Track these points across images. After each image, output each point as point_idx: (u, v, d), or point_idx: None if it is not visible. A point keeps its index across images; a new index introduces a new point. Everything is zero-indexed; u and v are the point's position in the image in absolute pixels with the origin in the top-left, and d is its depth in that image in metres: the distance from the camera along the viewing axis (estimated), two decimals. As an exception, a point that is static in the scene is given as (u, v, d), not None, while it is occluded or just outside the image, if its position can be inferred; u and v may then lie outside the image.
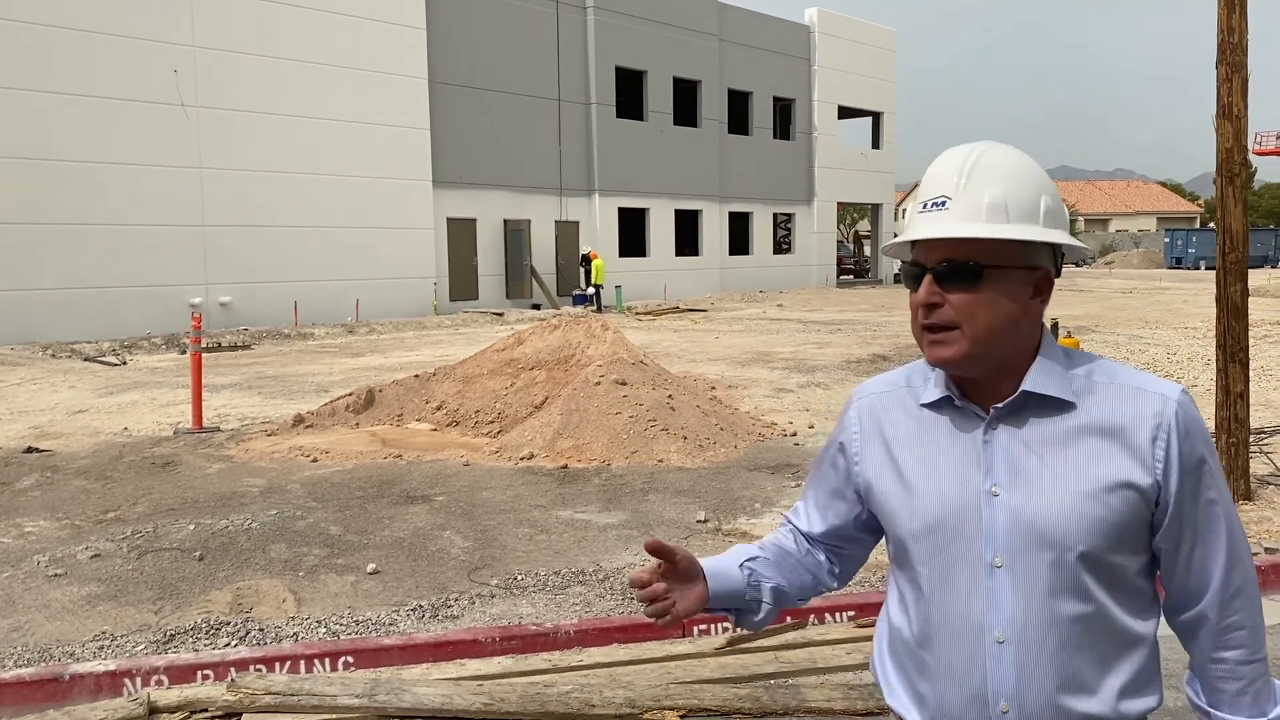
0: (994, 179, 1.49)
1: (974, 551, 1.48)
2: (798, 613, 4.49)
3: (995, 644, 1.47)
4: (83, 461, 8.24)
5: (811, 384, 12.38)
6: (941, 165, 1.53)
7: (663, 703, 3.11)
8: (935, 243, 1.48)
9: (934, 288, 1.47)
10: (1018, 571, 1.46)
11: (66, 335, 18.91)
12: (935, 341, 1.49)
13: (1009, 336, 1.49)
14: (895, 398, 1.63)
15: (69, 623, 4.72)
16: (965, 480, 1.50)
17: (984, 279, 1.46)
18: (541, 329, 10.36)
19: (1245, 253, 6.45)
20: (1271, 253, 55.21)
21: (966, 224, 1.46)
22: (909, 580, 1.57)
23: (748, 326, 21.44)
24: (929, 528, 1.52)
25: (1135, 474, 1.45)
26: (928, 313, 1.49)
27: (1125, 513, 1.45)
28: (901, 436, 1.59)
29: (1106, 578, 1.47)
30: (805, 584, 1.74)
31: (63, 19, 19.24)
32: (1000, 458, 1.49)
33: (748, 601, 1.67)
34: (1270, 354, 14.54)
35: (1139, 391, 1.49)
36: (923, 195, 1.52)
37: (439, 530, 6.17)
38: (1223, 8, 6.34)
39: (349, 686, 3.11)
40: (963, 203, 1.48)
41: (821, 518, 1.74)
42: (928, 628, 1.53)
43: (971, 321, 1.46)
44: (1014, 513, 1.46)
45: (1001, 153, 1.52)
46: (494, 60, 27.65)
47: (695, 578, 1.62)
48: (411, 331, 22.05)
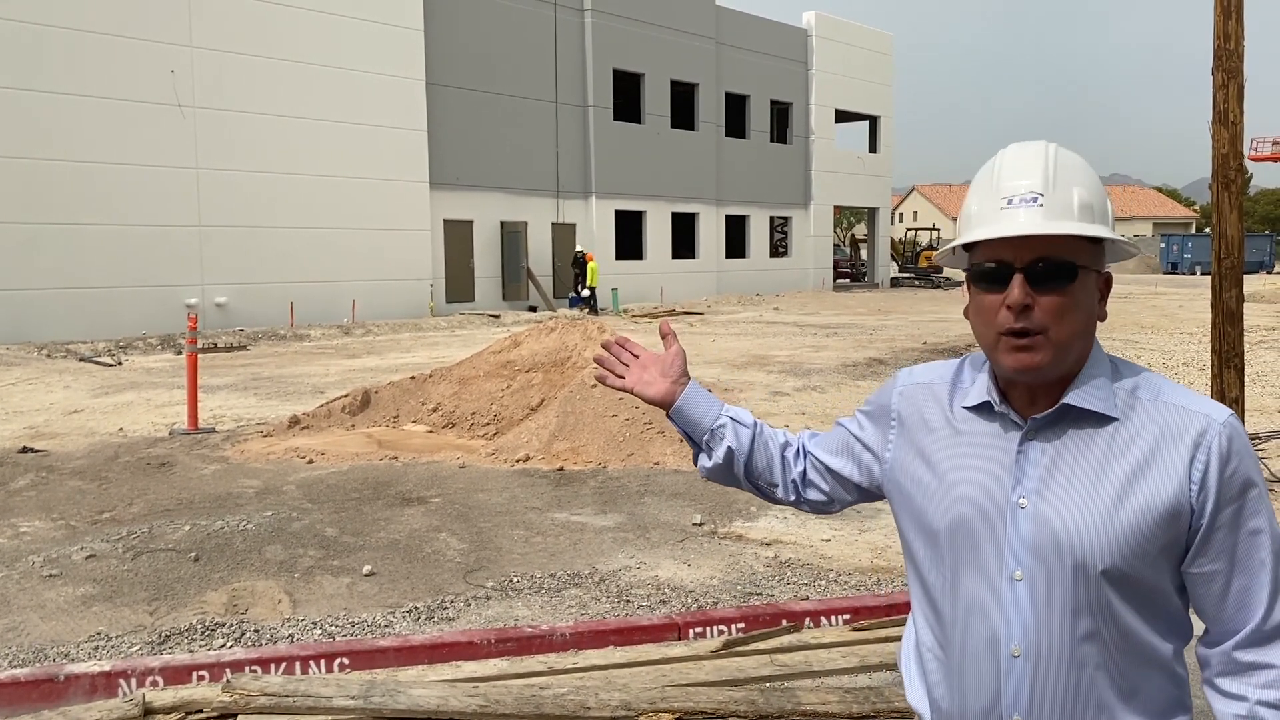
0: (1077, 178, 1.45)
1: (995, 562, 1.45)
2: (793, 616, 4.50)
3: (1011, 657, 1.44)
4: (78, 462, 8.23)
5: (808, 387, 12.39)
6: (1022, 159, 1.47)
7: (658, 705, 3.11)
8: (1028, 241, 1.40)
9: (1027, 288, 1.40)
10: (1038, 585, 1.42)
11: (62, 335, 18.88)
12: (1022, 347, 1.41)
13: (1083, 343, 1.45)
14: (938, 393, 1.59)
15: (64, 623, 4.71)
16: (993, 489, 1.47)
17: (1076, 280, 1.41)
18: (538, 331, 10.36)
19: (1240, 258, 6.48)
20: (1267, 258, 55.32)
21: (1065, 221, 1.41)
22: (928, 584, 1.55)
23: (744, 329, 21.45)
24: (952, 532, 1.49)
25: (1168, 495, 1.39)
26: (1019, 316, 1.40)
27: (1154, 534, 1.40)
28: (937, 434, 1.56)
29: (1132, 597, 1.42)
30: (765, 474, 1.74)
31: (59, 18, 19.22)
32: (1032, 469, 1.45)
33: (705, 442, 1.73)
34: (1265, 359, 14.57)
35: (1183, 411, 1.43)
36: (1003, 190, 1.44)
37: (435, 532, 6.17)
38: (1219, 14, 6.36)
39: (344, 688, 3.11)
40: (1056, 200, 1.42)
41: (822, 448, 1.75)
42: (944, 635, 1.51)
43: (1059, 325, 1.41)
44: (1039, 526, 1.42)
45: (1070, 153, 1.48)
46: (491, 62, 27.66)
47: (674, 378, 1.73)
48: (408, 333, 22.04)
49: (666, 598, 5.04)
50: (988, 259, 1.44)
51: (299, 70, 23.06)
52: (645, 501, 6.81)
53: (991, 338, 1.45)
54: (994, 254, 1.43)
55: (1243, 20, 6.36)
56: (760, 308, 29.32)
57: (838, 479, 1.72)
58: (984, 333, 1.46)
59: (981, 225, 1.45)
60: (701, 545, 5.89)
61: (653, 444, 8.03)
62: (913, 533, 1.58)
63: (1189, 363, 14.31)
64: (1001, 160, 1.49)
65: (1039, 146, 1.48)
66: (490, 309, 27.33)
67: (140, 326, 20.08)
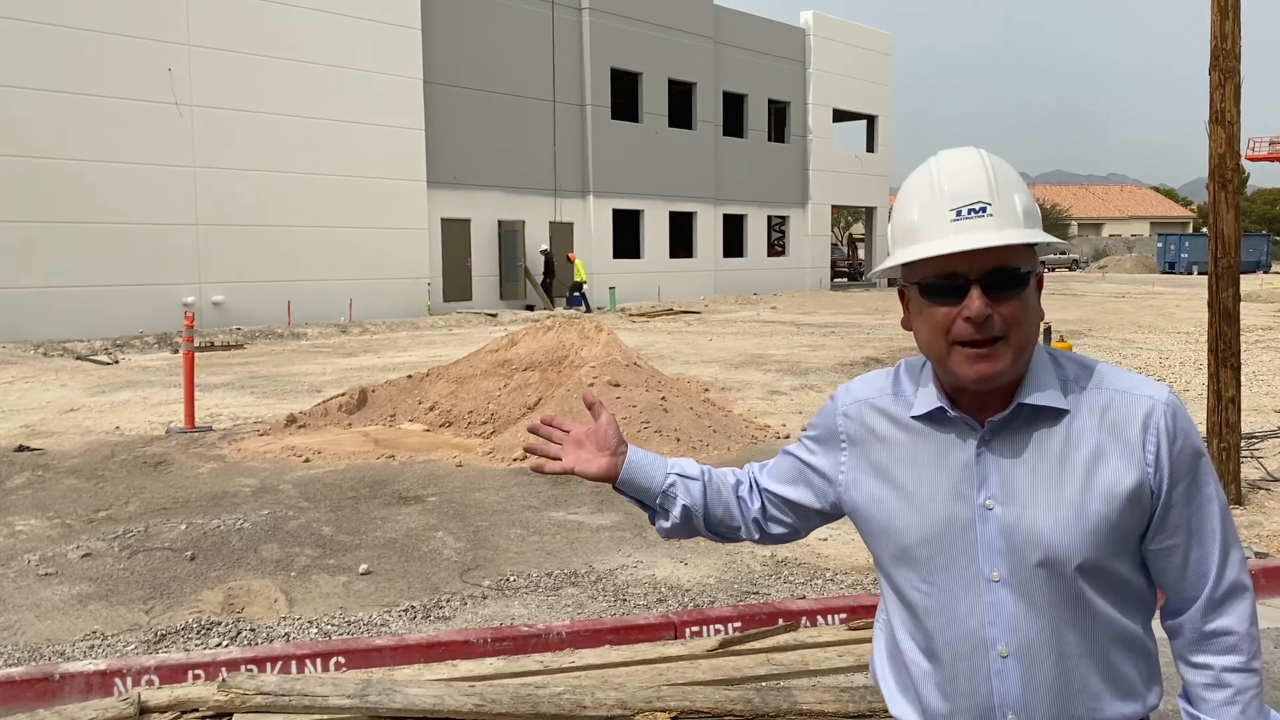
0: (1015, 185, 1.46)
1: (972, 566, 1.46)
2: (790, 615, 4.50)
3: (999, 658, 1.45)
4: (74, 460, 8.21)
5: (805, 386, 12.39)
6: (960, 169, 1.46)
7: (654, 704, 3.11)
8: (983, 252, 1.40)
9: (986, 299, 1.40)
10: (1016, 584, 1.44)
11: (58, 333, 18.85)
12: (983, 356, 1.41)
13: (1036, 341, 1.47)
14: (882, 406, 1.58)
15: (59, 622, 4.70)
16: (958, 495, 1.48)
17: (1028, 286, 1.44)
18: (535, 330, 10.36)
19: (1237, 258, 6.48)
20: (1264, 258, 55.42)
21: (1013, 230, 1.42)
22: (905, 595, 1.54)
23: (741, 329, 21.45)
24: (924, 543, 1.49)
25: (1129, 478, 1.43)
26: (980, 327, 1.40)
27: (1122, 519, 1.43)
28: (892, 448, 1.55)
29: (1106, 584, 1.45)
30: (726, 520, 1.73)
31: (56, 17, 19.20)
32: (994, 471, 1.46)
33: (658, 505, 1.72)
34: (1261, 359, 14.59)
35: (1126, 395, 1.47)
36: (949, 201, 1.44)
37: (431, 531, 6.16)
38: (1216, 14, 6.36)
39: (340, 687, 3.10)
40: (1002, 208, 1.43)
41: (774, 480, 1.73)
42: (930, 642, 1.51)
43: (1017, 331, 1.42)
44: (1009, 526, 1.44)
45: (998, 158, 1.49)
46: (489, 61, 27.64)
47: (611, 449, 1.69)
48: (405, 332, 22.03)
49: (663, 597, 5.03)
50: (938, 272, 1.43)
51: (296, 69, 23.04)
52: (642, 500, 6.80)
53: (943, 348, 1.44)
54: (946, 267, 1.42)
55: (1240, 20, 6.36)
56: (758, 307, 29.32)
57: (795, 509, 1.71)
58: (935, 344, 1.45)
59: (933, 239, 1.43)
60: (698, 545, 5.89)
61: (649, 443, 8.03)
62: (882, 548, 1.57)
63: (1186, 362, 14.33)
64: (939, 171, 1.48)
65: (973, 154, 1.48)
66: (487, 308, 27.32)
67: (137, 325, 20.06)
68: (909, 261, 1.47)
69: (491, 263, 28.17)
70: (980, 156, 1.47)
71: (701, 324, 23.10)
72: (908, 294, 1.51)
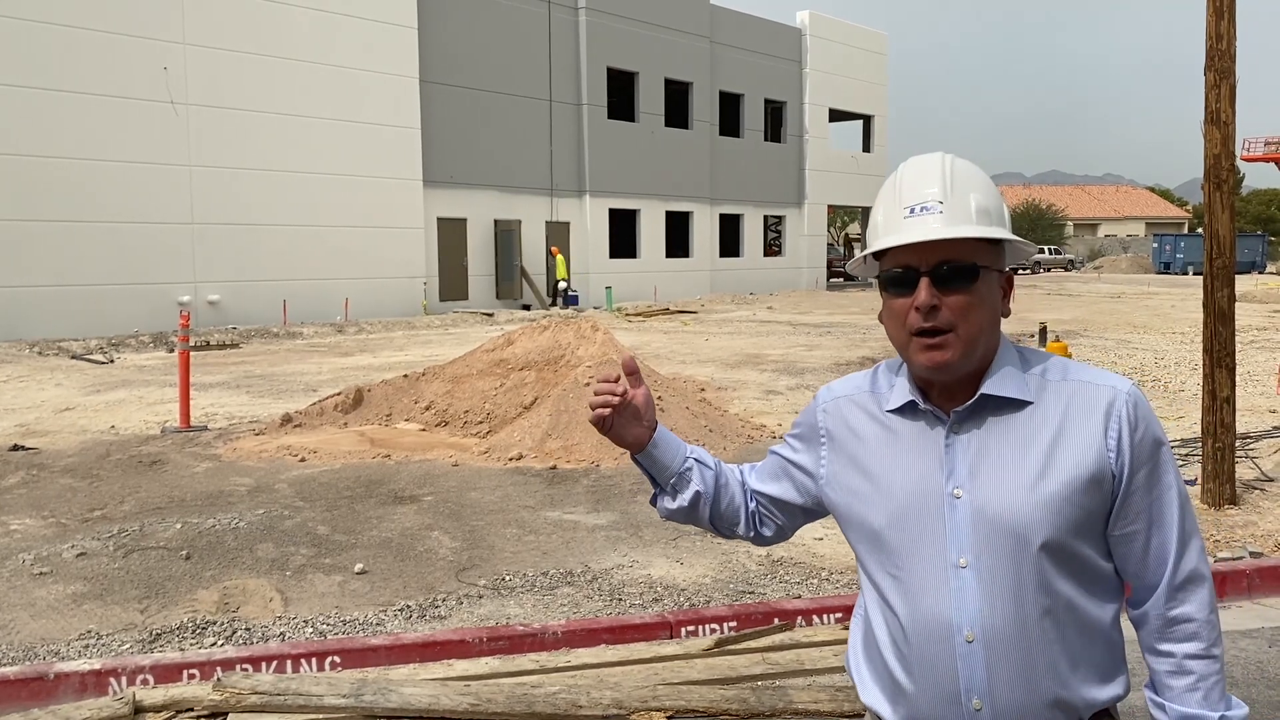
0: (972, 185, 1.54)
1: (939, 553, 1.51)
2: (785, 614, 4.50)
3: (965, 643, 1.49)
4: (69, 460, 8.20)
5: (801, 386, 12.40)
6: (919, 171, 1.56)
7: (650, 704, 3.11)
8: (931, 245, 1.49)
9: (933, 290, 1.48)
10: (982, 570, 1.48)
11: (54, 332, 18.82)
12: (931, 346, 1.50)
13: (990, 337, 1.53)
14: (860, 402, 1.66)
15: (54, 621, 4.69)
16: (928, 484, 1.53)
17: (978, 280, 1.50)
18: (531, 330, 10.35)
19: (1232, 258, 6.49)
20: (1259, 259, 55.52)
21: (963, 225, 1.50)
22: (878, 583, 1.59)
23: (737, 328, 21.46)
24: (894, 530, 1.54)
25: (1090, 465, 1.48)
26: (927, 316, 1.49)
27: (1084, 504, 1.48)
28: (867, 441, 1.61)
29: (1071, 569, 1.49)
30: (729, 515, 1.78)
31: (52, 15, 19.15)
32: (961, 460, 1.52)
33: (670, 484, 1.75)
34: (1256, 359, 14.62)
35: (1089, 386, 1.53)
36: (905, 200, 1.53)
37: (427, 530, 6.16)
38: (1211, 15, 6.37)
39: (335, 686, 3.10)
40: (953, 206, 1.50)
41: (761, 480, 1.80)
42: (898, 628, 1.55)
43: (966, 323, 1.49)
44: (975, 512, 1.49)
45: (964, 162, 1.57)
46: (485, 60, 27.63)
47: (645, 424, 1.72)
48: (401, 331, 22.01)
49: (659, 596, 5.04)
50: (895, 265, 1.52)
51: (292, 67, 23.01)
52: (638, 500, 6.80)
53: (904, 338, 1.53)
54: (901, 260, 1.51)
55: (1235, 21, 6.37)
56: (754, 307, 29.33)
57: (782, 506, 1.78)
58: (897, 334, 1.55)
59: (887, 234, 1.54)
60: (694, 544, 5.89)
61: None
62: (857, 537, 1.63)
63: (1181, 362, 14.36)
64: (902, 173, 1.58)
65: (936, 158, 1.58)
66: (484, 307, 27.31)
67: (132, 324, 20.02)
68: (874, 258, 1.57)
69: (488, 262, 28.16)
70: (941, 160, 1.56)
71: (698, 324, 23.10)
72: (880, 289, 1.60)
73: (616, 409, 1.68)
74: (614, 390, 1.68)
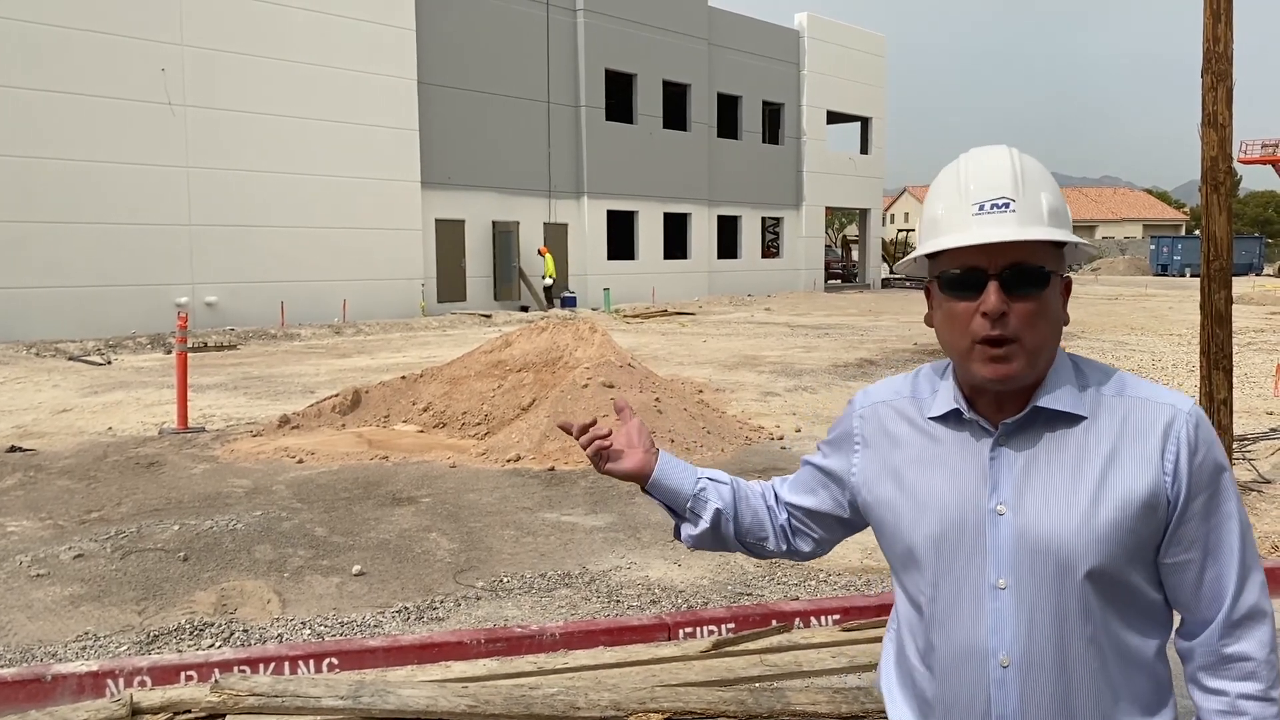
0: (1043, 183, 1.45)
1: (977, 572, 1.43)
2: (783, 616, 4.50)
3: (999, 668, 1.42)
4: (66, 461, 8.19)
5: (799, 388, 12.40)
6: (987, 166, 1.45)
7: (648, 705, 3.11)
8: (1001, 247, 1.39)
9: (1002, 295, 1.38)
10: (1022, 593, 1.41)
11: (51, 334, 18.79)
12: (997, 356, 1.39)
13: (1053, 347, 1.44)
14: (900, 408, 1.57)
15: (51, 623, 4.69)
16: (970, 498, 1.45)
17: (1048, 286, 1.41)
18: (529, 331, 10.35)
19: (1229, 260, 6.50)
20: (1256, 260, 55.58)
21: (1037, 227, 1.40)
22: (912, 598, 1.53)
23: (735, 330, 21.46)
24: (932, 545, 1.47)
25: (1144, 488, 1.39)
26: (995, 323, 1.38)
27: (1135, 530, 1.39)
28: (906, 450, 1.53)
29: (1116, 596, 1.41)
30: (755, 530, 1.71)
31: (49, 16, 19.14)
32: (1006, 475, 1.44)
33: (688, 509, 1.67)
34: (1253, 361, 14.64)
35: (1148, 403, 1.43)
36: (973, 196, 1.43)
37: (425, 532, 6.16)
38: (1209, 18, 6.38)
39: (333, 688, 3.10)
40: (1025, 205, 1.41)
41: (794, 492, 1.71)
42: (930, 648, 1.49)
43: (1032, 332, 1.40)
44: (1019, 532, 1.41)
45: (1030, 158, 1.47)
46: (483, 62, 27.63)
47: (645, 445, 1.66)
48: (399, 333, 22.00)
49: (657, 598, 5.04)
50: (958, 266, 1.42)
51: (290, 69, 23.00)
52: (636, 502, 6.81)
53: (964, 345, 1.43)
54: (966, 261, 1.41)
55: (1232, 24, 6.38)
56: (752, 308, 29.34)
57: (817, 518, 1.69)
58: (955, 341, 1.44)
59: (952, 232, 1.43)
60: (692, 545, 5.89)
61: (644, 444, 8.02)
62: (891, 549, 1.55)
63: (1178, 364, 14.37)
64: (966, 166, 1.47)
65: (1003, 152, 1.47)
66: (482, 309, 27.30)
67: (130, 325, 20.00)
68: (932, 256, 1.46)
69: (486, 264, 28.15)
70: (1009, 154, 1.46)
71: (695, 325, 23.11)
72: (931, 289, 1.50)
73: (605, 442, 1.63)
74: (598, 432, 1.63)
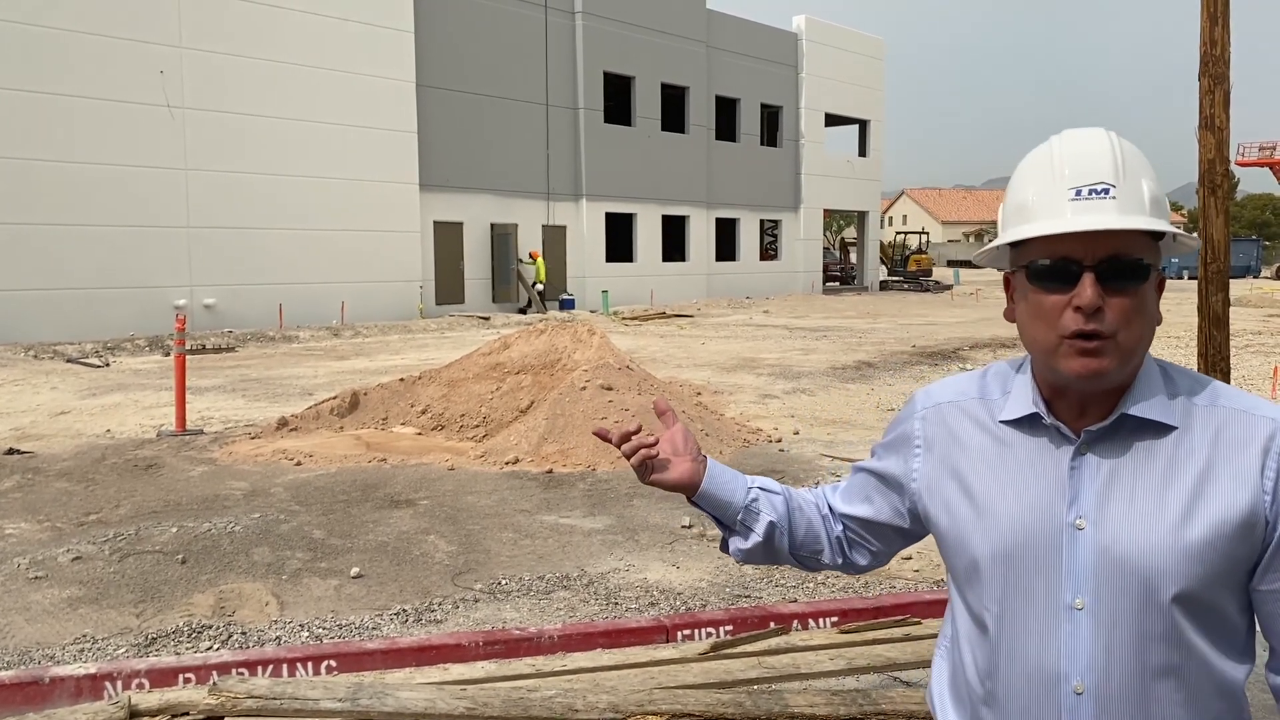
0: (1144, 170, 1.34)
1: (1052, 590, 1.33)
2: (781, 618, 4.50)
3: (1073, 695, 1.31)
4: (64, 463, 8.19)
5: (797, 390, 12.41)
6: (1085, 149, 1.34)
7: (646, 708, 3.11)
8: (1100, 237, 1.28)
9: (1099, 288, 1.28)
10: (1101, 615, 1.30)
11: (49, 336, 18.78)
12: (1089, 351, 1.29)
13: (1146, 347, 1.34)
14: (967, 409, 1.46)
15: (49, 625, 4.68)
16: (1046, 510, 1.34)
17: (1147, 280, 1.32)
18: (528, 333, 10.35)
19: (1227, 263, 6.50)
20: (1253, 263, 55.68)
21: (1139, 216, 1.30)
22: (975, 615, 1.42)
23: (734, 332, 21.47)
24: (1000, 559, 1.37)
25: (1241, 507, 1.28)
26: (1090, 319, 1.28)
27: (1228, 551, 1.29)
28: (975, 455, 1.42)
29: (1203, 621, 1.31)
30: (809, 542, 1.61)
31: (48, 19, 19.13)
32: (1088, 486, 1.33)
33: (739, 521, 1.57)
34: (1251, 363, 14.66)
35: (1245, 415, 1.33)
36: (1069, 181, 1.31)
37: (423, 534, 6.16)
38: (1205, 20, 6.39)
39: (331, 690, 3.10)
40: (1127, 192, 1.30)
41: (847, 501, 1.62)
42: (995, 670, 1.38)
43: (1128, 329, 1.30)
44: (1100, 549, 1.31)
45: (1129, 142, 1.36)
46: (482, 64, 27.64)
47: (692, 454, 1.55)
48: (397, 335, 22.00)
49: (655, 600, 5.04)
50: (1051, 255, 1.31)
51: (289, 71, 23.00)
52: (634, 504, 6.81)
53: (1052, 341, 1.32)
54: (1059, 250, 1.30)
55: (1229, 26, 6.39)
56: (750, 311, 29.35)
57: (873, 529, 1.59)
58: (1042, 336, 1.33)
59: (1046, 218, 1.31)
60: (690, 548, 5.89)
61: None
62: (955, 563, 1.45)
63: (1176, 367, 14.38)
64: (1061, 148, 1.35)
65: (1101, 134, 1.36)
66: (480, 311, 27.30)
67: (128, 328, 19.99)
68: (1019, 243, 1.35)
69: (484, 266, 28.15)
70: (1108, 137, 1.35)
71: (694, 327, 23.11)
72: (1014, 280, 1.39)
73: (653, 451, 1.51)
74: (643, 440, 1.51)
